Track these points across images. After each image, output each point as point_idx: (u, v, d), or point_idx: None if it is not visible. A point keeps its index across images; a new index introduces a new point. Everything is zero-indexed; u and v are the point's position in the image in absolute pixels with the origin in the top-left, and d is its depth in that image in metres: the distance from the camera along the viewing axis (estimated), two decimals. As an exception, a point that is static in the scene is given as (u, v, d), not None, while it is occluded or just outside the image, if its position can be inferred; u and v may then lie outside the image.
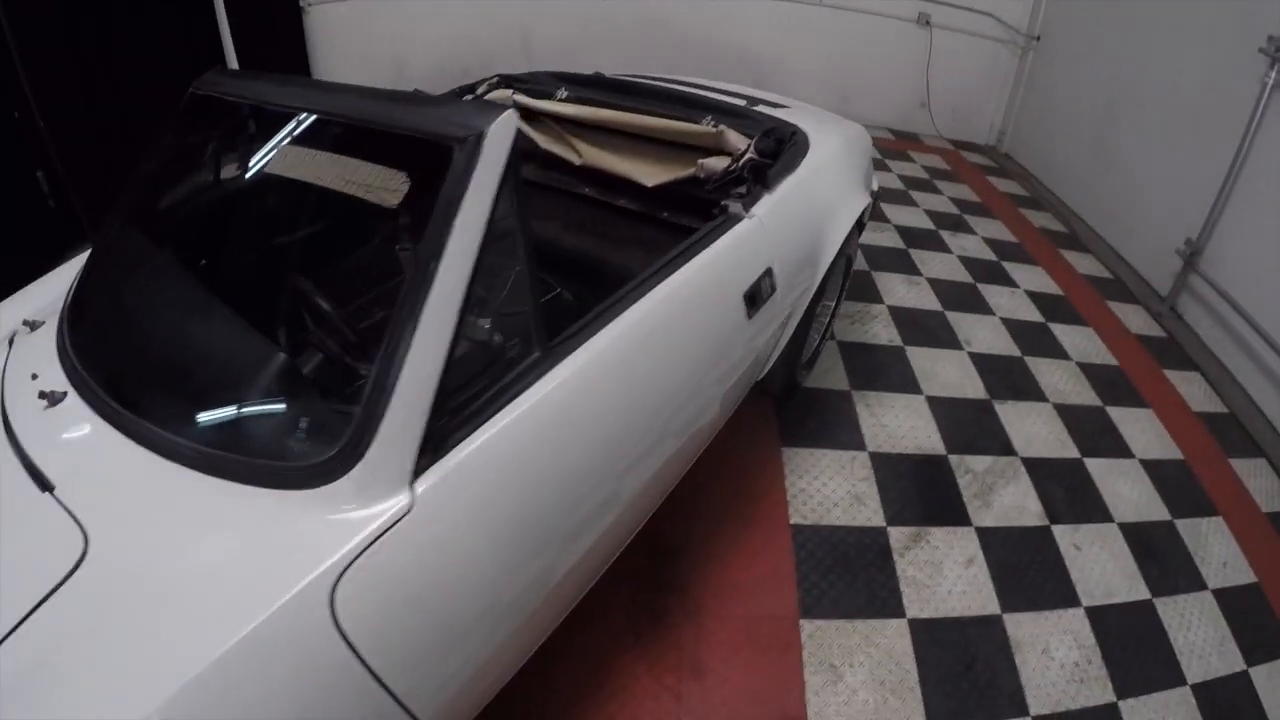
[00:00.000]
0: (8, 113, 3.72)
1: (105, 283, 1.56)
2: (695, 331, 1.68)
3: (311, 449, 1.12)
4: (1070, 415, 2.94)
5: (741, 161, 2.19)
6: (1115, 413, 3.02)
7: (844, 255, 2.58)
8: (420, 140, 1.21)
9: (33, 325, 1.54)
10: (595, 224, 2.64)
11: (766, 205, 2.01)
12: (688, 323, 1.65)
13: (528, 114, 2.77)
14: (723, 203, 1.97)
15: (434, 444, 1.11)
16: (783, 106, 3.04)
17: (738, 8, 5.72)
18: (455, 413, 1.16)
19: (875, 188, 3.16)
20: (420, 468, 1.09)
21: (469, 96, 2.87)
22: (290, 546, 1.01)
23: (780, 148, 2.33)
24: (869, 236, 4.11)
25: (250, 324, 1.39)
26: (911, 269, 3.87)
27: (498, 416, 1.21)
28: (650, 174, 2.55)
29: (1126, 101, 4.53)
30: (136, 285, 1.59)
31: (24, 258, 3.29)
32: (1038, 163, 5.58)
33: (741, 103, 2.82)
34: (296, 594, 0.95)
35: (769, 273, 1.93)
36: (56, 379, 1.31)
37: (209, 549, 1.03)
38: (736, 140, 2.35)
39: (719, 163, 2.31)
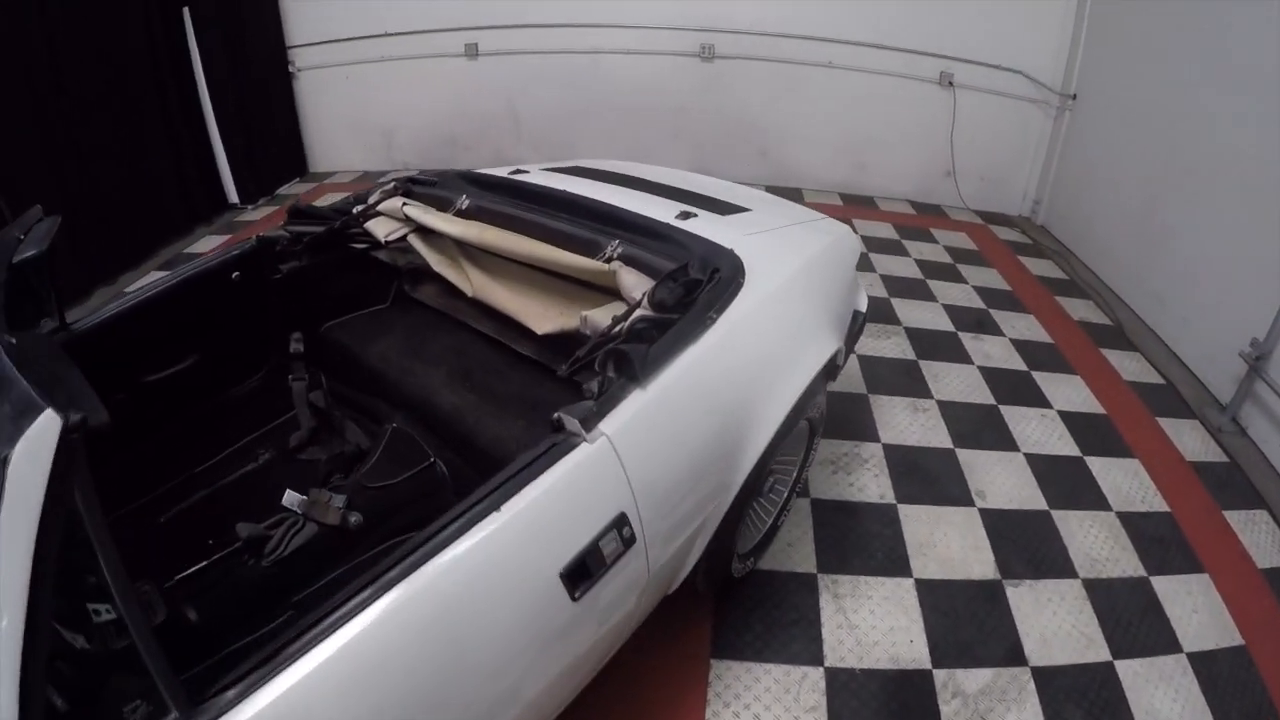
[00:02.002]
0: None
1: None
2: (466, 642, 1.18)
3: None
4: (1105, 595, 2.34)
5: (627, 322, 1.69)
6: (1162, 584, 2.40)
7: (799, 421, 2.05)
8: None
9: None
10: (486, 373, 2.20)
11: (628, 413, 1.46)
12: (449, 633, 1.16)
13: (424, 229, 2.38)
14: (556, 415, 1.43)
15: None
16: (739, 210, 2.53)
17: (737, 71, 5.29)
18: None
19: (864, 306, 2.62)
20: None
21: (359, 208, 2.51)
22: None
23: (691, 294, 1.78)
24: (872, 346, 3.58)
25: None
26: (920, 389, 3.30)
27: None
28: (540, 318, 2.09)
29: (1176, 167, 3.92)
30: None
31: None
32: (1077, 239, 4.96)
33: (670, 216, 2.27)
34: None
35: (620, 521, 1.40)
36: None
37: None
38: (632, 284, 1.85)
39: (604, 316, 1.83)
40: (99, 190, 4.58)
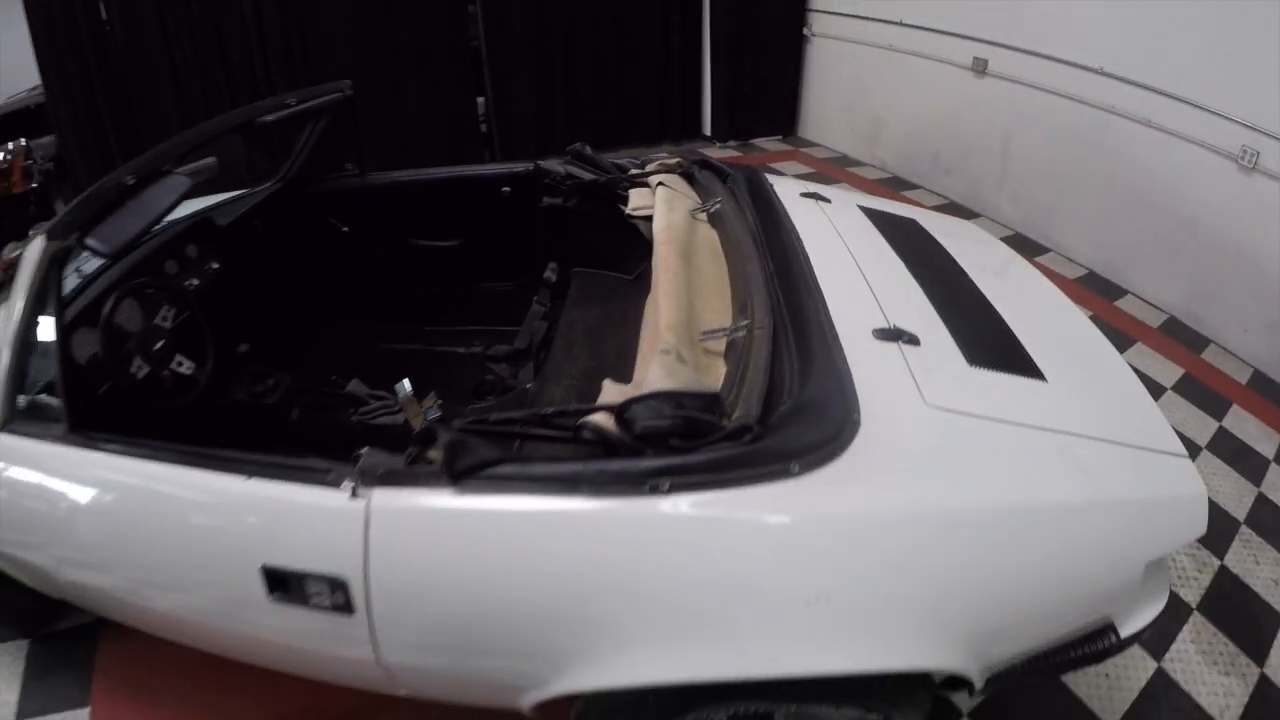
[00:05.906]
0: (466, 41, 4.90)
1: None
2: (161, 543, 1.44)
3: None
4: None
5: (578, 420, 1.25)
6: None
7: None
8: None
9: None
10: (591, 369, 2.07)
11: (416, 502, 1.21)
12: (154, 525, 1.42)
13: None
14: (363, 450, 1.29)
15: None
16: (1024, 370, 1.54)
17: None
18: None
19: (1144, 623, 1.41)
20: None
21: (635, 170, 2.51)
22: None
23: (686, 437, 1.18)
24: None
25: None
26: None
27: None
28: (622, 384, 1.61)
29: None
30: None
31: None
32: None
33: (869, 326, 1.53)
34: None
35: (336, 583, 1.24)
36: None
37: None
38: (652, 378, 1.28)
39: (614, 393, 1.36)
40: (579, 76, 5.33)
